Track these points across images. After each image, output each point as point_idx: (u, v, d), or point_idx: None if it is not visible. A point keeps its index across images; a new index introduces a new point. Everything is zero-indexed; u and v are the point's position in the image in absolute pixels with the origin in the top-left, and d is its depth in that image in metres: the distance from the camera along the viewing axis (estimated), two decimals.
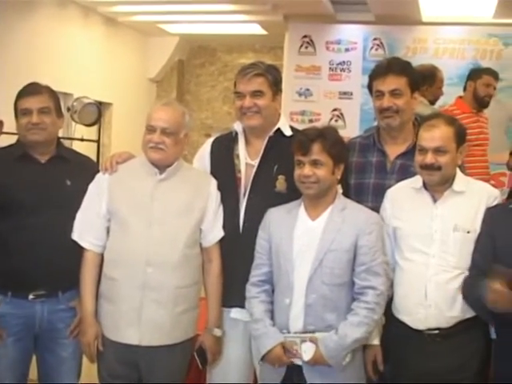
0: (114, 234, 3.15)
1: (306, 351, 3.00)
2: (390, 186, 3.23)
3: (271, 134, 3.32)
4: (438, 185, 3.10)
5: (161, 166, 3.14)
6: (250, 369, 3.38)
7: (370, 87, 3.46)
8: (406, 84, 3.36)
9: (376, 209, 3.18)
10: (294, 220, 3.09)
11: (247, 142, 3.36)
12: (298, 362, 3.01)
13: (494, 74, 6.40)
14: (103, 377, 3.18)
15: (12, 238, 3.12)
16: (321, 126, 3.20)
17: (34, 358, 3.35)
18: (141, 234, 3.08)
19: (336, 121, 7.94)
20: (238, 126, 3.35)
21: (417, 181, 3.15)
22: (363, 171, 3.40)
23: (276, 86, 3.31)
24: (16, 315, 3.16)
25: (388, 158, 3.36)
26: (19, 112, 3.19)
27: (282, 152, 3.23)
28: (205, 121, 9.60)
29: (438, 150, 3.03)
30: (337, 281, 3.00)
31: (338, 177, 3.07)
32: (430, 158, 3.02)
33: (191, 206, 3.17)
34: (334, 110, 8.01)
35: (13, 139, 3.37)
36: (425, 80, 5.56)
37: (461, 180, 3.13)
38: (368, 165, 3.39)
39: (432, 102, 6.00)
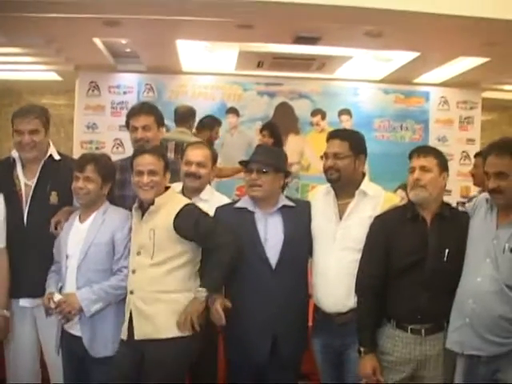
0: None
1: (58, 296, 3.20)
2: None
3: (45, 159, 3.56)
4: (193, 192, 3.49)
5: None
6: (38, 352, 3.57)
7: (127, 124, 3.82)
8: (154, 121, 3.76)
9: None
10: (71, 224, 3.38)
11: (24, 165, 3.57)
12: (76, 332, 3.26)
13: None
14: None
15: None
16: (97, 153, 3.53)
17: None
18: None
19: (117, 148, 8.52)
20: (15, 154, 3.59)
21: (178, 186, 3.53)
22: (123, 186, 3.68)
23: (47, 123, 3.57)
24: None
25: None
26: None
27: (55, 172, 3.54)
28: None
29: (199, 164, 3.52)
30: (100, 267, 3.26)
31: (106, 192, 3.36)
32: (193, 169, 3.52)
33: None
34: (116, 139, 8.56)
35: None
36: (190, 117, 6.39)
37: (207, 191, 3.56)
38: (127, 182, 3.61)
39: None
